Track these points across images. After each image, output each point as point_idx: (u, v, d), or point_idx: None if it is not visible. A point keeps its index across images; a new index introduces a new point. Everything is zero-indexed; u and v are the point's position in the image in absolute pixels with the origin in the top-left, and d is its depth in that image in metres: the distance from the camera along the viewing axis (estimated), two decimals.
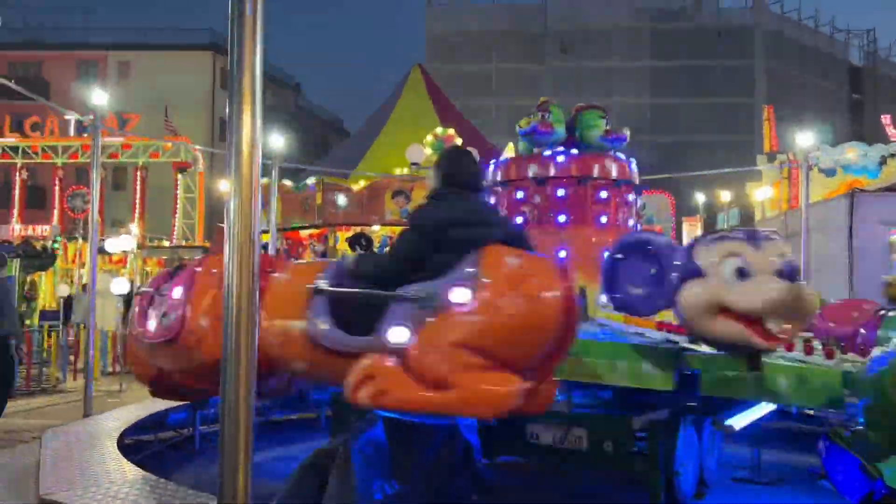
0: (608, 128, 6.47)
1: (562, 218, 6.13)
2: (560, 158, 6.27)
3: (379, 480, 4.15)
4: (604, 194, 6.26)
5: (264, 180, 12.96)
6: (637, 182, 6.54)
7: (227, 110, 2.22)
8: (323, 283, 3.73)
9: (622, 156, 6.46)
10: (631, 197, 6.57)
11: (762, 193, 25.35)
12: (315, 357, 3.71)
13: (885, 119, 25.31)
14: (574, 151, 6.31)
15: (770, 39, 44.75)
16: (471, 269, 3.39)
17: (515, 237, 3.77)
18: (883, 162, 23.58)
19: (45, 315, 21.29)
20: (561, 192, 6.16)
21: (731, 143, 40.39)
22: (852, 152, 22.97)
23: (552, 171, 6.25)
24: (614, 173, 6.32)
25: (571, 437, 4.85)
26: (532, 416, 4.93)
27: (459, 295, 3.34)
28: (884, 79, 48.98)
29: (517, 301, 3.29)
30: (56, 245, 24.02)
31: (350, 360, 3.48)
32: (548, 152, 6.39)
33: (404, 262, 3.65)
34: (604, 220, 6.22)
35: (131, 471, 4.55)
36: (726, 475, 6.15)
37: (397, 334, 3.40)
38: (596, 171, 6.25)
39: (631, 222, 6.52)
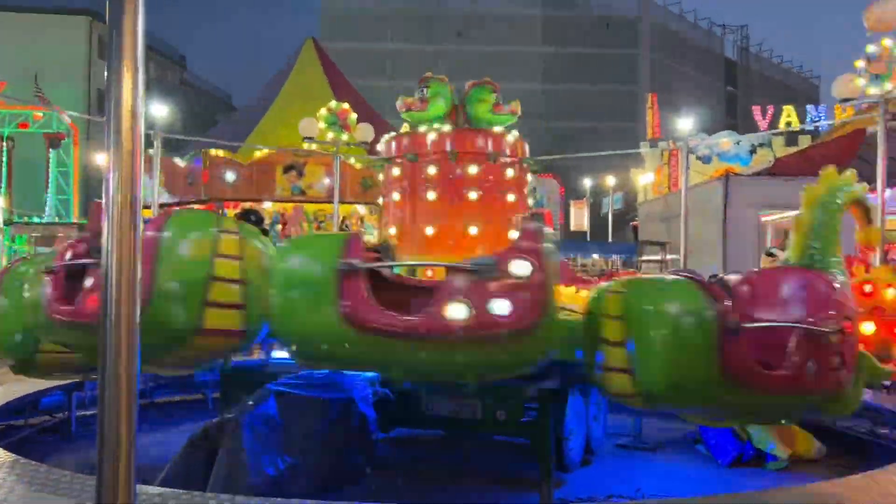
0: (498, 103, 6.49)
1: (473, 195, 6.13)
2: (432, 136, 6.27)
3: (271, 455, 4.06)
4: (473, 170, 6.26)
5: (148, 152, 12.34)
6: (523, 157, 6.57)
7: (106, 76, 2.06)
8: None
9: (516, 133, 6.50)
10: (528, 177, 6.65)
11: (645, 178, 26.52)
12: None
13: (755, 110, 27.00)
14: (446, 128, 6.30)
15: (655, 31, 46.70)
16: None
17: None
18: (753, 150, 25.21)
19: None
20: (473, 169, 6.15)
21: (616, 130, 41.98)
22: (726, 140, 24.39)
23: (427, 147, 6.24)
24: (490, 148, 6.34)
25: (466, 406, 4.91)
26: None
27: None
28: (754, 73, 52.24)
29: None
30: None
31: None
32: (423, 128, 6.39)
33: None
34: (511, 198, 6.26)
35: (2, 455, 4.24)
36: (611, 442, 6.42)
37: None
38: (472, 147, 6.27)
39: (511, 198, 6.49)
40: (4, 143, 25.95)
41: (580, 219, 30.57)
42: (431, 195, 6.19)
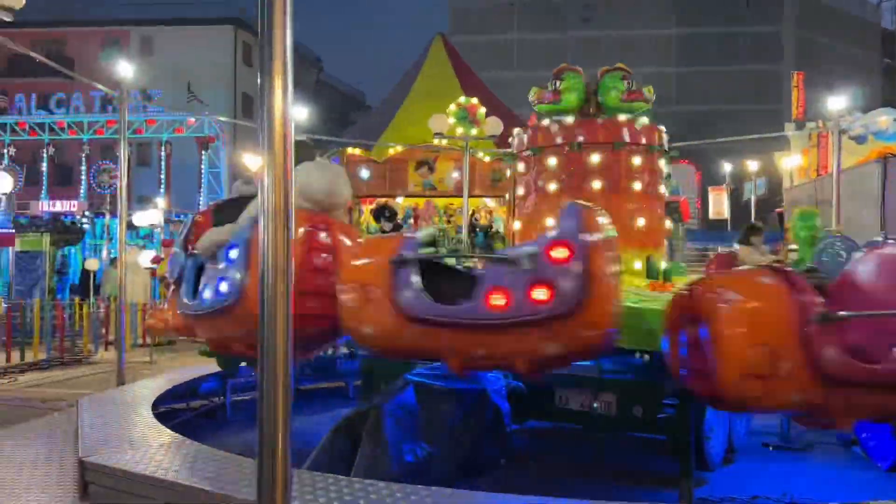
0: (633, 89, 6.34)
1: (597, 185, 6.04)
2: (555, 127, 6.20)
3: (410, 443, 4.20)
4: (637, 161, 6.15)
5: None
6: (666, 149, 6.42)
7: (259, 84, 2.22)
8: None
9: (646, 120, 6.33)
10: (662, 164, 6.47)
11: (790, 161, 24.92)
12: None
13: None
14: (569, 119, 6.20)
15: (800, 4, 43.68)
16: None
17: None
18: None
19: (74, 289, 21.71)
20: (596, 159, 6.06)
21: (758, 112, 39.66)
22: (884, 118, 22.42)
23: (580, 138, 6.14)
24: (616, 136, 6.21)
25: (601, 402, 4.85)
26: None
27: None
28: None
29: None
30: (84, 221, 24.36)
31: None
32: (546, 121, 6.34)
33: None
34: (637, 187, 6.13)
35: (166, 435, 4.65)
36: (755, 441, 6.13)
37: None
38: (627, 137, 6.14)
39: (662, 190, 6.40)
40: (163, 148, 28.15)
41: (719, 206, 29.22)
42: (553, 187, 6.14)
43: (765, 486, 5.03)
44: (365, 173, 15.65)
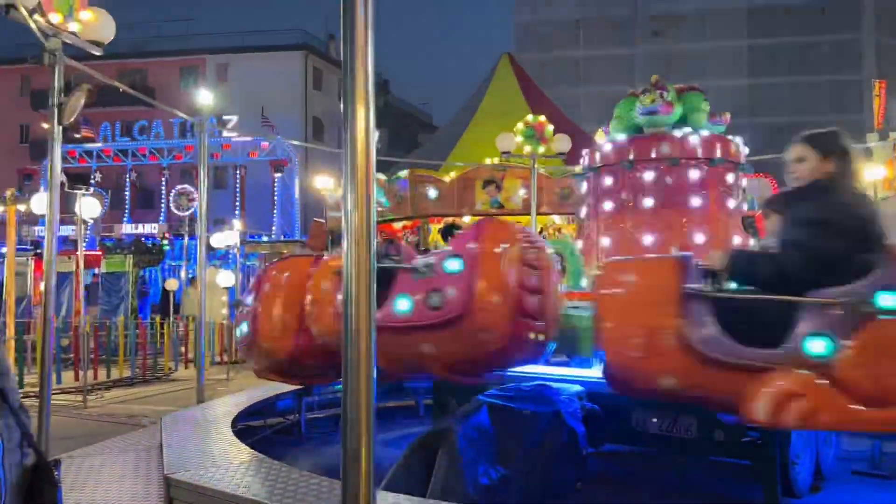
0: (712, 113, 6.28)
1: (650, 202, 5.94)
2: (610, 146, 6.13)
3: (484, 465, 4.17)
4: (696, 176, 6.02)
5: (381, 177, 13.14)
6: (742, 161, 6.25)
7: (342, 107, 2.28)
8: (699, 287, 3.56)
9: (681, 133, 6.18)
10: (730, 177, 6.31)
11: (873, 173, 23.88)
12: (690, 368, 3.49)
13: None
14: (620, 137, 6.12)
15: (880, 10, 42.07)
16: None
17: None
18: None
19: (154, 308, 22.57)
20: (650, 176, 5.96)
21: (837, 123, 38.26)
22: None
23: (635, 155, 6.05)
24: (703, 152, 6.08)
25: (680, 424, 4.72)
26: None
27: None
28: None
29: None
30: (165, 242, 25.34)
31: (740, 373, 3.33)
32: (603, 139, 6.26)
33: (820, 262, 3.29)
34: (697, 203, 5.98)
35: (246, 453, 4.75)
36: (845, 468, 5.85)
37: (818, 346, 3.20)
38: (688, 152, 6.02)
39: (731, 203, 6.23)
40: (239, 171, 29.10)
41: None
42: (609, 205, 6.08)
43: None
44: (432, 193, 15.77)
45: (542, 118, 15.66)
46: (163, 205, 30.58)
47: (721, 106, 7.17)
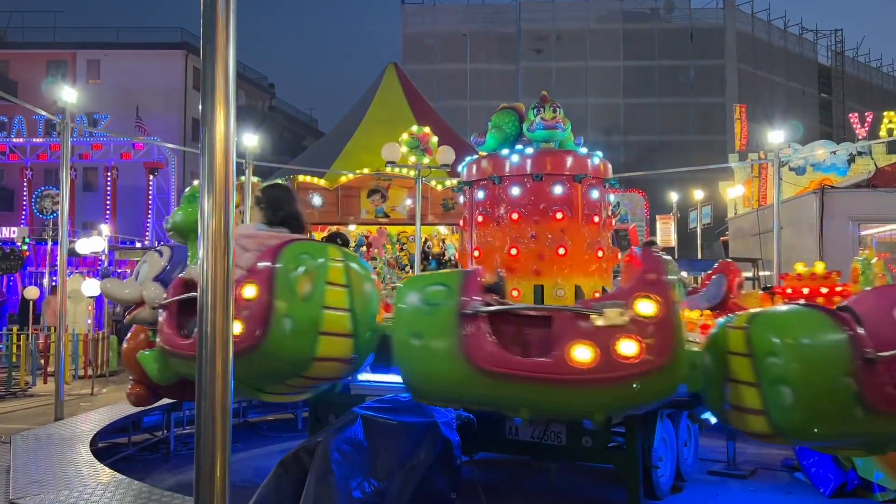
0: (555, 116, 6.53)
1: (559, 215, 6.11)
2: (596, 160, 6.32)
3: (358, 478, 4.12)
4: (595, 193, 6.25)
5: (240, 179, 12.84)
6: (608, 177, 6.50)
7: (201, 109, 2.18)
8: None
9: (584, 150, 6.44)
10: (609, 196, 6.57)
11: (734, 191, 25.65)
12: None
13: (853, 118, 25.75)
14: (529, 150, 6.29)
15: (741, 40, 45.31)
16: None
17: None
18: (851, 160, 24.00)
19: (12, 318, 20.92)
20: (559, 189, 6.13)
21: (703, 143, 40.84)
22: (821, 150, 23.34)
23: (548, 168, 6.22)
24: (603, 171, 6.35)
25: (550, 432, 4.85)
26: None
27: None
28: (850, 78, 49.81)
29: None
30: (25, 247, 23.57)
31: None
32: (505, 151, 6.42)
33: None
34: (595, 218, 6.20)
35: (105, 473, 4.48)
36: (702, 469, 6.20)
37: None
38: (590, 169, 6.26)
39: (596, 219, 6.43)
40: (109, 173, 27.56)
41: (667, 234, 29.78)
42: (514, 216, 6.19)
43: None
44: (317, 200, 15.53)
45: (427, 129, 15.78)
46: (24, 207, 28.49)
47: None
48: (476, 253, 6.49)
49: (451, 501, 4.61)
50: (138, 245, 25.57)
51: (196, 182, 5.12)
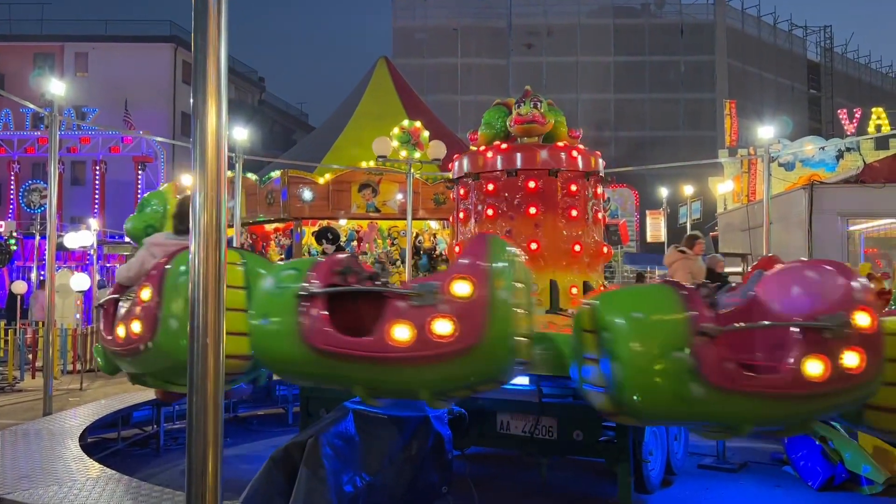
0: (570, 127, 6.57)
1: (532, 210, 6.10)
2: (574, 153, 6.27)
3: (349, 473, 4.11)
4: (573, 187, 6.25)
5: (229, 173, 12.78)
6: (602, 175, 6.53)
7: (192, 103, 2.17)
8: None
9: (584, 148, 6.47)
10: (599, 190, 6.59)
11: (724, 187, 25.75)
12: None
13: (841, 114, 25.89)
14: (581, 147, 6.36)
15: (731, 36, 45.45)
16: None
17: None
18: (840, 155, 24.14)
19: (0, 313, 20.78)
20: (532, 184, 6.12)
21: (693, 139, 40.99)
22: (810, 146, 23.46)
23: (520, 164, 6.21)
24: (582, 165, 6.32)
25: (541, 426, 4.86)
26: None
27: None
28: (839, 75, 50.09)
29: None
30: (12, 241, 23.40)
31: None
32: (560, 144, 6.40)
33: None
34: (574, 212, 6.21)
35: (94, 468, 4.45)
36: (693, 462, 6.23)
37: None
38: (566, 163, 6.23)
39: (600, 215, 6.52)
40: (98, 167, 27.36)
41: (657, 229, 29.91)
42: (532, 210, 6.21)
43: None
44: (307, 195, 15.49)
45: (419, 124, 15.76)
46: (11, 201, 28.26)
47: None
48: (457, 248, 6.51)
49: (442, 495, 4.62)
50: (127, 239, 25.43)
51: (150, 192, 5.41)
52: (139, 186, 27.78)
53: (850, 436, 5.47)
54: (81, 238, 18.54)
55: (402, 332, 3.47)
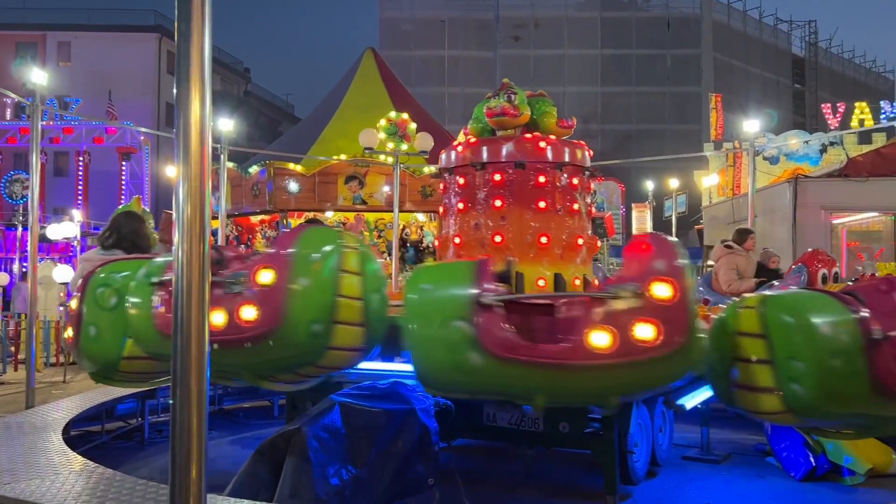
0: (561, 117, 6.47)
1: (498, 203, 6.07)
2: (542, 144, 6.20)
3: (335, 465, 4.10)
4: (576, 180, 6.21)
5: (215, 164, 12.70)
6: (580, 165, 6.47)
7: (175, 93, 2.13)
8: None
9: (556, 138, 6.40)
10: (575, 181, 6.52)
11: (709, 180, 25.90)
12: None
13: (825, 108, 26.07)
14: (552, 137, 6.25)
15: (717, 30, 45.62)
16: None
17: None
18: (823, 149, 24.34)
19: None
20: (497, 177, 6.09)
21: (678, 132, 41.18)
22: (794, 140, 23.63)
23: (530, 156, 6.16)
24: (580, 159, 6.28)
25: (528, 418, 4.87)
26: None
27: None
28: (823, 69, 50.44)
29: None
30: None
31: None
32: (528, 135, 6.32)
33: None
34: (542, 204, 6.13)
35: (77, 462, 4.41)
36: (677, 454, 6.27)
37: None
38: (568, 157, 6.19)
39: (576, 206, 6.41)
40: (81, 158, 27.09)
41: (642, 222, 30.04)
42: (498, 203, 6.16)
43: (687, 497, 5.15)
44: (293, 187, 15.42)
45: (406, 115, 15.72)
46: None
47: (575, 111, 7.45)
48: (435, 242, 6.51)
49: (428, 487, 4.62)
50: None
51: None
52: (123, 177, 27.55)
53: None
54: (64, 229, 18.39)
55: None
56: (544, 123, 6.30)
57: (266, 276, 3.64)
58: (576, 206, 6.16)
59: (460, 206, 6.23)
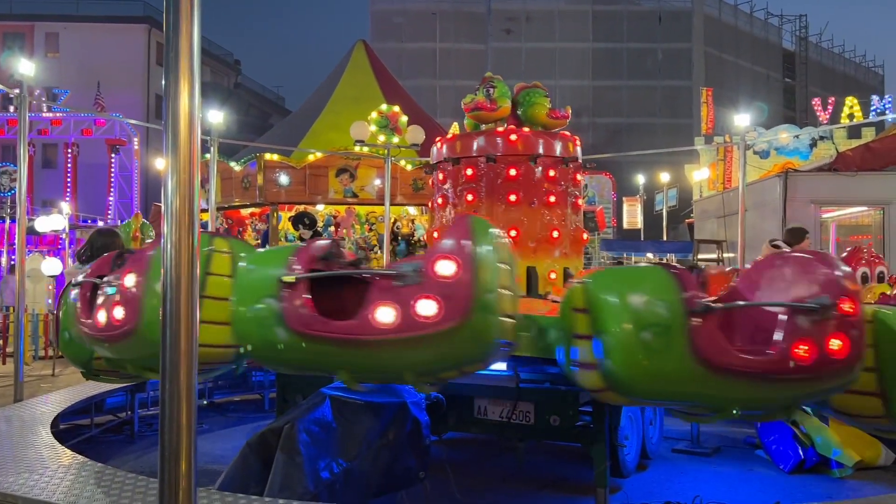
0: (553, 108, 6.44)
1: (513, 197, 6.06)
2: (513, 137, 6.17)
3: (326, 459, 4.09)
4: (552, 173, 6.20)
5: (205, 157, 12.63)
6: (580, 161, 6.50)
7: (164, 84, 2.11)
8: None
9: (568, 134, 6.43)
10: (579, 176, 6.55)
11: (699, 174, 25.96)
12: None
13: (815, 102, 26.16)
14: (525, 130, 6.24)
15: (708, 24, 45.66)
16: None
17: None
18: (814, 144, 24.43)
19: None
20: (513, 171, 6.07)
21: (669, 126, 41.22)
22: (785, 135, 23.71)
23: (500, 149, 6.15)
24: (559, 151, 6.26)
25: (519, 411, 4.87)
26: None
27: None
28: (814, 64, 50.59)
29: None
30: None
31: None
32: (500, 129, 6.30)
33: None
34: (512, 197, 6.13)
35: (66, 455, 4.39)
36: (667, 447, 6.31)
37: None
38: (542, 149, 6.17)
39: (553, 199, 6.40)
40: (70, 150, 26.88)
41: (634, 216, 30.11)
42: (470, 197, 6.16)
43: (677, 490, 5.17)
44: (284, 179, 15.33)
45: (397, 108, 15.65)
46: None
47: (566, 104, 7.41)
48: (435, 234, 6.51)
49: (419, 481, 4.62)
50: (100, 223, 25.06)
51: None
52: (112, 170, 27.36)
53: (822, 420, 5.57)
54: (53, 222, 18.26)
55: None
56: (533, 115, 6.28)
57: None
58: (552, 199, 6.11)
59: (440, 200, 6.29)
